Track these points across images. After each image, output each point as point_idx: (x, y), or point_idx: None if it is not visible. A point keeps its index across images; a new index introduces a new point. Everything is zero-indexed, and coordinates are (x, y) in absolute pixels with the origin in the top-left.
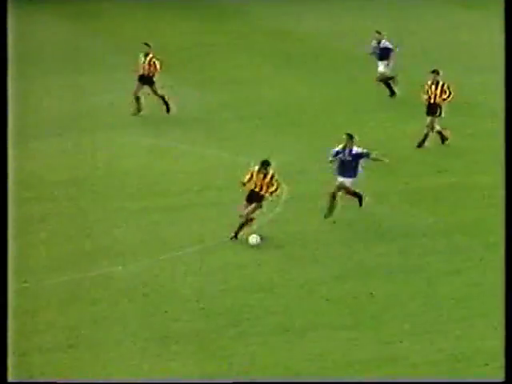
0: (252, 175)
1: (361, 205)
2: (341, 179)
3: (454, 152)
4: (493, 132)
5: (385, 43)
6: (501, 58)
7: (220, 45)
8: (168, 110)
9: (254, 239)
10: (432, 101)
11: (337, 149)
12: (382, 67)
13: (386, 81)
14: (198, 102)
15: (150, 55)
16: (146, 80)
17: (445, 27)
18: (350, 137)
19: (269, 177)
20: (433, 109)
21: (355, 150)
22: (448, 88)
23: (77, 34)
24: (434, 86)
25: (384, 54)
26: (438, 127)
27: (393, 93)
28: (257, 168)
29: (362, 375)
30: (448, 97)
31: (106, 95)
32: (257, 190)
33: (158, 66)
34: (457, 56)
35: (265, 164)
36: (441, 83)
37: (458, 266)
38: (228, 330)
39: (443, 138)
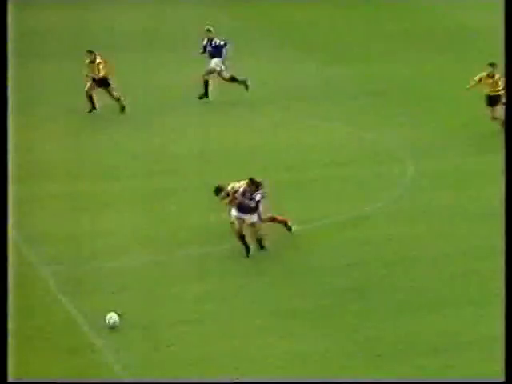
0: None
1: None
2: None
3: None
4: None
5: (216, 41)
6: None
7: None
8: None
9: (111, 320)
10: None
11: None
12: (213, 64)
13: (235, 80)
14: (323, 76)
15: None
16: None
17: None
18: (253, 182)
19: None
20: None
21: (258, 196)
22: None
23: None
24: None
25: (216, 52)
26: None
27: (206, 95)
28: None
29: None
30: None
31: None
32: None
33: None
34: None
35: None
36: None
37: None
38: (352, 305)
39: None
